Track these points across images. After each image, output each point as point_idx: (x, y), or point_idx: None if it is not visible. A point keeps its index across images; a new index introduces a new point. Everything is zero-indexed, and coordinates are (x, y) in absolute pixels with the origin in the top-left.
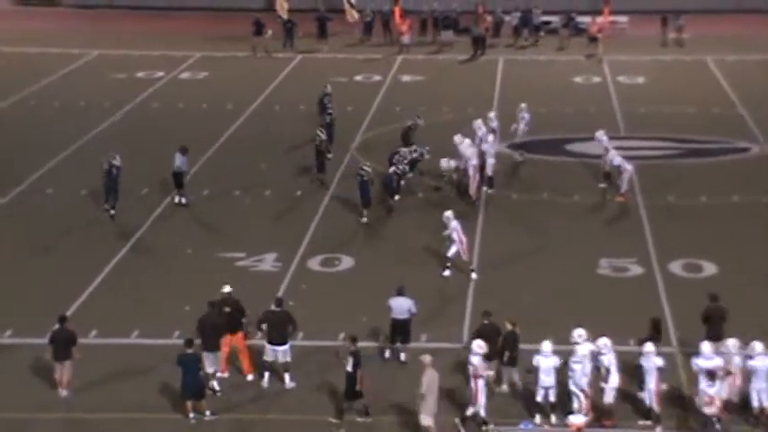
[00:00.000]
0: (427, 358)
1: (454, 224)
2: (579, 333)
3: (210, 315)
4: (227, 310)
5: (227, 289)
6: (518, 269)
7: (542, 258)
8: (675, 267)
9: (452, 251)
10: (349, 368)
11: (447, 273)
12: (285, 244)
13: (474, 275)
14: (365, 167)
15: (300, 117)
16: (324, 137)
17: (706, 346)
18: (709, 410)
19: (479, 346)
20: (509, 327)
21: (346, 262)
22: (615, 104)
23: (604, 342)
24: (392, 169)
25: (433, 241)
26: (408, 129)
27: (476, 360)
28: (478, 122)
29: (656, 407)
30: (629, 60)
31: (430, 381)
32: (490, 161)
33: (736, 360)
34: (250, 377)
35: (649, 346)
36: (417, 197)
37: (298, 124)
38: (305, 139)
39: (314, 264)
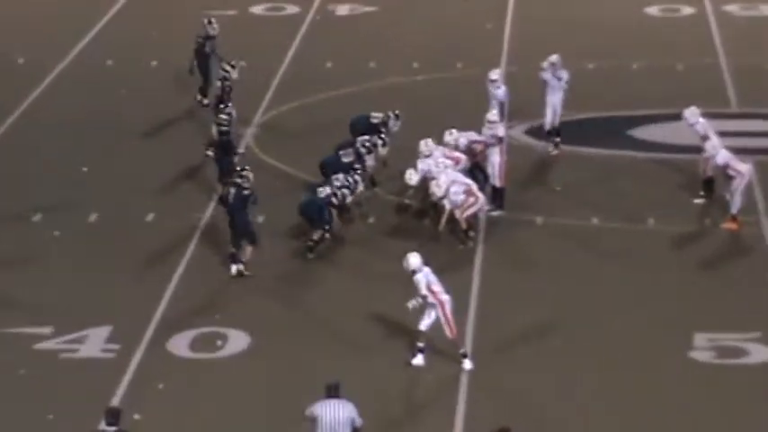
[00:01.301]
0: None
1: (422, 277)
2: None
3: None
4: None
5: None
6: (544, 351)
7: (588, 332)
8: None
9: (427, 322)
10: None
11: (418, 359)
12: (126, 311)
13: (467, 363)
14: (245, 173)
15: (150, 80)
16: (234, 115)
17: None
18: None
19: None
20: None
21: (236, 341)
22: (721, 56)
23: None
24: (326, 191)
25: (389, 302)
26: (369, 123)
27: None
28: (428, 144)
29: None
30: None
31: None
32: (495, 160)
33: None
34: None
35: None
36: (366, 224)
37: (146, 93)
38: (160, 119)
39: (179, 345)
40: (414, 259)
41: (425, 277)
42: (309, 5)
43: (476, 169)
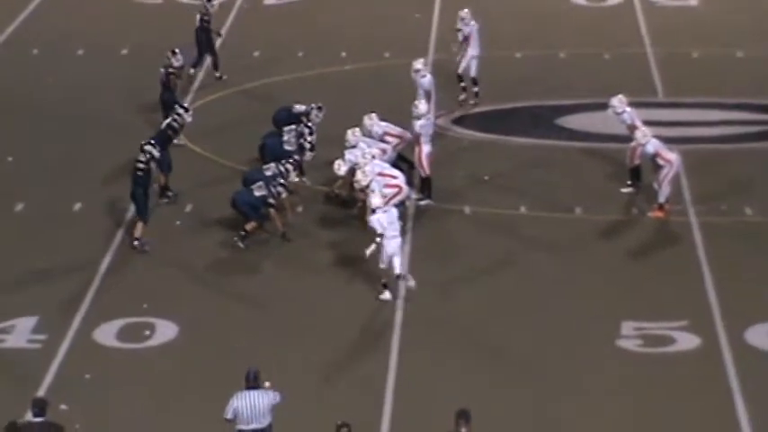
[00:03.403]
0: None
1: (376, 220)
2: None
3: None
4: None
5: None
6: (472, 341)
7: (516, 321)
8: (756, 335)
9: (391, 251)
10: None
11: (386, 295)
12: (52, 301)
13: (386, 294)
14: (147, 147)
15: (77, 69)
16: (186, 116)
17: None
18: None
19: None
20: None
21: (164, 330)
22: (648, 46)
23: None
24: (262, 191)
25: (319, 290)
26: (291, 114)
27: None
28: (354, 133)
29: None
30: None
31: None
32: (425, 149)
33: None
34: None
35: None
36: (295, 213)
37: (73, 82)
38: (87, 108)
39: (105, 334)
40: (376, 200)
41: (378, 218)
42: None
43: (400, 160)
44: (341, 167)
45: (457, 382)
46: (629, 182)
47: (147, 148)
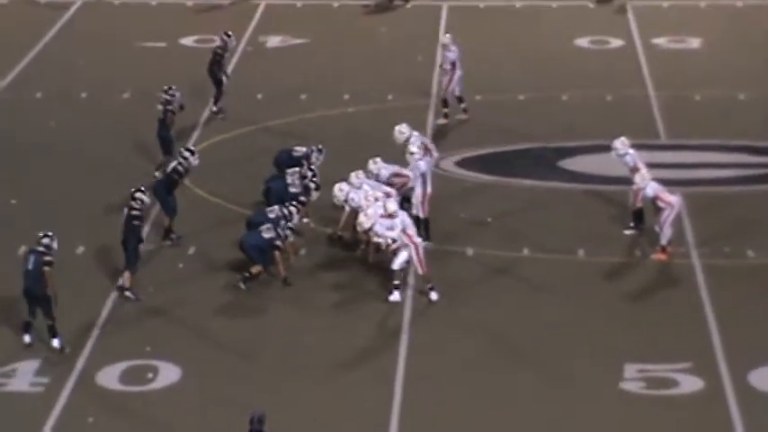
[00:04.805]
0: None
1: (399, 222)
2: None
3: None
4: None
5: None
6: (475, 381)
7: (519, 363)
8: (760, 378)
9: (399, 261)
10: None
11: (395, 296)
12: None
13: (434, 295)
14: (138, 195)
15: (80, 112)
16: (193, 159)
17: None
18: None
19: None
20: None
21: (167, 373)
22: (650, 88)
23: None
24: (271, 233)
25: (323, 332)
26: (292, 157)
27: None
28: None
29: None
30: (672, 7)
31: None
32: (417, 191)
33: None
34: None
35: None
36: (298, 255)
37: (76, 126)
38: (89, 152)
39: (108, 377)
40: (391, 205)
41: (402, 222)
42: (240, 37)
43: (406, 202)
44: (342, 190)
45: (458, 409)
46: (631, 224)
47: (138, 195)
